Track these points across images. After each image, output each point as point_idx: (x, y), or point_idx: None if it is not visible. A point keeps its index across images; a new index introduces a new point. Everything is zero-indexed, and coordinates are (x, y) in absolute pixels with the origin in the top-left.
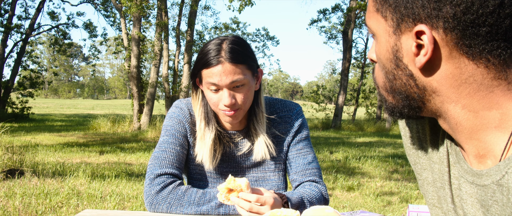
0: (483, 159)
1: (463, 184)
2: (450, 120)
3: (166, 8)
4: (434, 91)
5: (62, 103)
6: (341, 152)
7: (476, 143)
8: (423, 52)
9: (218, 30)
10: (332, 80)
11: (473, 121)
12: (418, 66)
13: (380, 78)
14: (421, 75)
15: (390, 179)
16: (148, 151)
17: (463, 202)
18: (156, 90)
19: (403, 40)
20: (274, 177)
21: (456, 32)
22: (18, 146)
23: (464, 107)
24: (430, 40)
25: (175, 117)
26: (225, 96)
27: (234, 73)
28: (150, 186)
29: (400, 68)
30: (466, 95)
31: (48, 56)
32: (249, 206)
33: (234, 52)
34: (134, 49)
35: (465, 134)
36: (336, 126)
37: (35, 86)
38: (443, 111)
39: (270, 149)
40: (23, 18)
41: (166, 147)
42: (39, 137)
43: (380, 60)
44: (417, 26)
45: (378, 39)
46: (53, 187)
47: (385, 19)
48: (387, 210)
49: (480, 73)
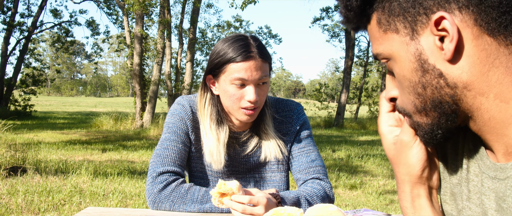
0: (509, 157)
1: (485, 179)
2: (484, 115)
3: (168, 6)
4: (465, 86)
5: (64, 101)
6: (344, 151)
7: (506, 140)
8: (449, 39)
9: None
10: (334, 78)
11: (505, 113)
12: (447, 57)
13: (408, 103)
14: (451, 69)
15: (393, 178)
16: (150, 149)
17: (485, 197)
18: (159, 88)
19: (422, 40)
20: (276, 178)
21: (471, 9)
22: (20, 144)
23: (496, 96)
24: (452, 22)
25: (176, 114)
26: (251, 92)
27: (263, 69)
28: (152, 184)
29: (428, 71)
30: (496, 82)
31: (50, 54)
32: (243, 208)
33: (263, 48)
34: (137, 47)
35: (497, 129)
36: (339, 125)
37: (38, 84)
38: (476, 107)
39: (281, 147)
40: (26, 16)
41: (168, 145)
42: (41, 135)
43: (405, 80)
44: (433, 15)
45: (396, 57)
46: (56, 184)
47: (397, 32)
48: (390, 209)
49: (503, 53)
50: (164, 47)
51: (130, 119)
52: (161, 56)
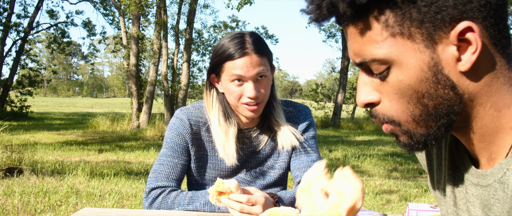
0: (493, 162)
1: (469, 186)
2: (478, 123)
3: (165, 7)
4: (470, 97)
5: (61, 102)
6: (340, 151)
7: (492, 147)
8: (472, 50)
9: (217, 29)
10: (331, 79)
11: (496, 121)
12: (465, 68)
13: (404, 112)
14: (463, 81)
15: (389, 178)
16: (147, 150)
17: (470, 204)
18: (155, 89)
19: (439, 50)
20: (275, 174)
21: (489, 20)
22: (17, 145)
23: (492, 105)
24: (479, 34)
25: (174, 129)
26: (250, 88)
27: (259, 64)
28: (145, 199)
29: (440, 82)
30: (495, 91)
31: (47, 55)
32: (240, 207)
33: (258, 43)
34: (133, 47)
35: (486, 137)
36: (335, 125)
37: (34, 85)
38: (473, 116)
39: (296, 134)
40: (22, 17)
41: (163, 160)
42: (38, 136)
43: (409, 89)
44: (459, 25)
45: (403, 64)
46: (52, 185)
47: (410, 38)
48: (386, 209)
49: (503, 64)
50: (161, 48)
51: (127, 119)
52: (157, 56)
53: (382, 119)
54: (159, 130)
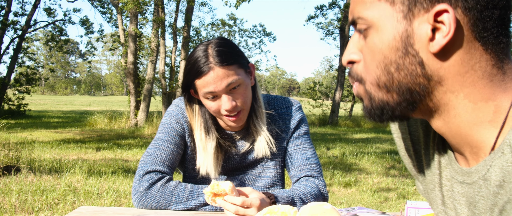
0: (476, 157)
1: (455, 184)
2: (450, 111)
3: (162, 4)
4: (439, 81)
5: (58, 100)
6: (338, 148)
7: (470, 140)
8: (443, 34)
9: (215, 26)
10: (329, 77)
11: (471, 113)
12: (435, 49)
13: (371, 74)
14: (433, 62)
15: (387, 175)
16: (145, 148)
17: (456, 202)
18: (153, 87)
19: (415, 24)
20: (271, 174)
21: (474, 13)
22: (14, 143)
23: (466, 96)
24: (453, 20)
25: (173, 116)
26: (225, 101)
27: (228, 75)
28: (139, 182)
29: (408, 55)
30: (470, 83)
31: (44, 53)
32: (235, 209)
33: (221, 54)
34: (131, 45)
35: (462, 128)
36: (333, 122)
37: (32, 83)
38: (444, 103)
39: (271, 145)
40: (20, 15)
41: (160, 145)
42: (35, 134)
43: (380, 53)
44: (438, 5)
45: (380, 28)
46: (50, 183)
47: (392, 4)
48: (384, 206)
49: (485, 60)
50: (158, 46)
51: (125, 117)
52: (155, 54)
53: (353, 77)
54: (157, 128)
